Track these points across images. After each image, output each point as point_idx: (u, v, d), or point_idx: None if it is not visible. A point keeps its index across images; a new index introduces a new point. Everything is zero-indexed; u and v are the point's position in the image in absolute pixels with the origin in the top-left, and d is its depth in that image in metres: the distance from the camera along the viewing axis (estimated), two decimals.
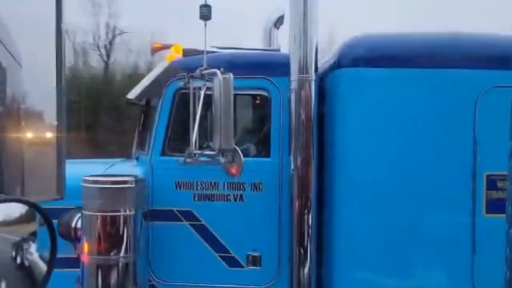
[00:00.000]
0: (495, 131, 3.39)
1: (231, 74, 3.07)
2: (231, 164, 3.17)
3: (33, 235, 1.42)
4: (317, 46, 3.46)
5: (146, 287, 3.73)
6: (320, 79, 3.67)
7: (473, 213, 3.37)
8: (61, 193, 1.82)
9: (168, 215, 3.75)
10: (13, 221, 1.34)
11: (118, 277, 3.42)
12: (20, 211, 1.34)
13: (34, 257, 1.40)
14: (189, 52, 3.86)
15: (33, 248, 1.40)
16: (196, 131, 3.23)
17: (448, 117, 3.39)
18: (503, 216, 3.41)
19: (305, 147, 3.44)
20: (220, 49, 4.03)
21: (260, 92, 3.81)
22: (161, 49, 4.01)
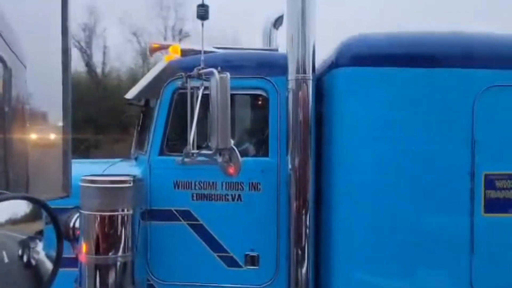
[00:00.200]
0: (493, 130, 3.39)
1: (228, 74, 3.07)
2: (228, 163, 3.16)
3: (40, 234, 1.41)
4: (314, 45, 3.46)
5: (144, 287, 3.74)
6: (318, 78, 3.68)
7: (471, 212, 3.36)
8: (67, 191, 1.82)
9: (166, 215, 3.76)
10: (19, 219, 1.33)
11: (116, 276, 3.43)
12: (26, 209, 1.33)
13: (41, 255, 1.39)
14: (187, 52, 3.87)
15: (39, 247, 1.39)
16: (194, 131, 3.23)
17: (446, 116, 3.38)
18: (501, 215, 3.44)
19: (303, 147, 3.44)
20: (219, 48, 4.04)
21: (258, 91, 3.81)
22: (159, 49, 4.01)
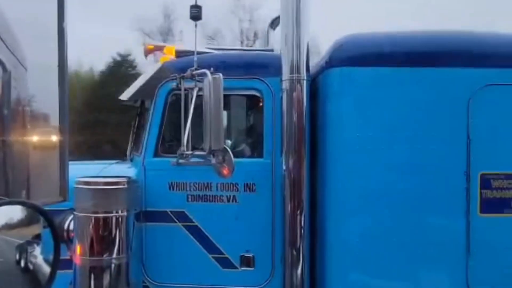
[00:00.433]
0: (489, 129, 3.37)
1: (220, 74, 3.06)
2: (222, 164, 3.16)
3: (37, 238, 1.42)
4: (308, 45, 3.45)
5: None
6: (313, 79, 3.66)
7: (467, 212, 3.34)
8: (64, 195, 1.82)
9: (161, 216, 3.75)
10: (16, 223, 1.32)
11: (110, 278, 3.42)
12: (23, 213, 1.33)
13: (38, 260, 1.39)
14: (182, 53, 3.86)
15: (37, 251, 1.40)
16: (188, 132, 3.23)
17: (441, 116, 3.36)
18: (497, 215, 3.42)
19: (297, 147, 3.42)
20: (213, 49, 4.04)
21: (253, 92, 3.80)
22: (154, 51, 4.01)
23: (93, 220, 3.38)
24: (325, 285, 3.51)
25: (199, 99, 3.23)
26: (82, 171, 3.73)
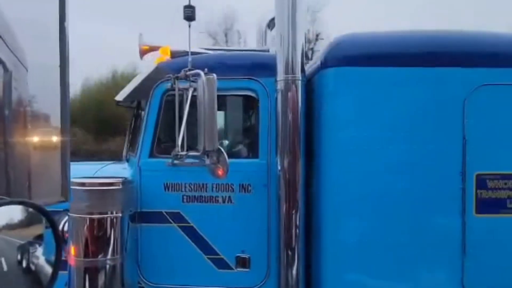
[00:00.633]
0: (484, 129, 3.36)
1: (214, 75, 3.06)
2: (216, 165, 3.15)
3: (39, 238, 1.40)
4: (303, 46, 3.44)
5: None
6: (308, 79, 3.66)
7: (463, 213, 3.33)
8: (66, 195, 1.81)
9: (156, 217, 3.74)
10: (18, 224, 1.31)
11: (105, 279, 3.41)
12: (25, 213, 1.31)
13: (40, 260, 1.37)
14: (177, 54, 3.85)
15: (39, 252, 1.38)
16: (183, 133, 3.22)
17: (436, 116, 3.35)
18: (493, 216, 3.40)
19: (292, 148, 3.41)
20: (208, 49, 4.03)
21: (248, 92, 3.79)
22: (149, 51, 4.00)
23: (87, 221, 3.38)
24: (321, 285, 3.50)
25: (194, 99, 3.22)
26: (78, 171, 3.73)
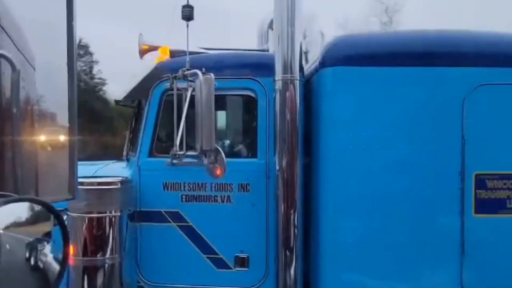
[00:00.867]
0: (483, 129, 3.34)
1: (212, 74, 3.07)
2: (214, 165, 3.15)
3: (47, 235, 1.40)
4: (301, 45, 3.44)
5: None
6: (307, 80, 3.65)
7: (462, 213, 3.32)
8: (73, 193, 1.83)
9: (156, 217, 3.75)
10: (26, 221, 1.30)
11: (104, 278, 3.43)
12: (33, 211, 1.31)
13: (48, 258, 1.38)
14: (176, 53, 3.86)
15: (47, 249, 1.38)
16: (182, 132, 3.23)
17: (435, 116, 3.34)
18: (492, 216, 3.39)
19: (290, 147, 3.41)
20: (208, 49, 4.03)
21: (247, 92, 3.79)
22: (149, 51, 4.01)
23: (86, 220, 3.40)
24: (319, 285, 3.49)
25: (193, 99, 3.23)
26: (79, 171, 3.74)
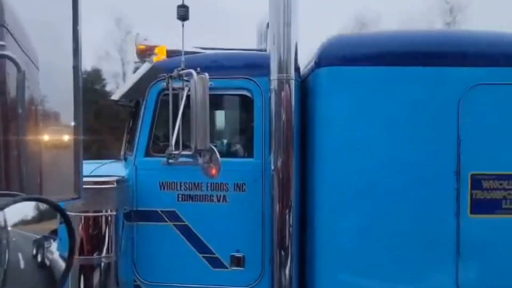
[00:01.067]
0: (479, 129, 3.34)
1: (206, 74, 3.07)
2: (209, 164, 3.16)
3: (54, 233, 1.43)
4: (296, 45, 3.43)
5: None
6: (303, 80, 3.65)
7: (457, 213, 3.32)
8: (78, 192, 1.84)
9: (152, 216, 3.76)
10: (33, 219, 1.33)
11: (100, 277, 3.44)
12: (40, 209, 1.34)
13: (55, 256, 1.40)
14: (173, 53, 3.86)
15: (53, 247, 1.41)
16: (178, 132, 3.23)
17: (431, 116, 3.34)
18: (488, 216, 3.38)
19: (286, 147, 3.41)
20: (204, 49, 4.04)
21: (243, 92, 3.79)
22: (146, 51, 4.02)
23: (82, 219, 3.41)
24: (314, 285, 3.49)
25: (189, 99, 3.23)
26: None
